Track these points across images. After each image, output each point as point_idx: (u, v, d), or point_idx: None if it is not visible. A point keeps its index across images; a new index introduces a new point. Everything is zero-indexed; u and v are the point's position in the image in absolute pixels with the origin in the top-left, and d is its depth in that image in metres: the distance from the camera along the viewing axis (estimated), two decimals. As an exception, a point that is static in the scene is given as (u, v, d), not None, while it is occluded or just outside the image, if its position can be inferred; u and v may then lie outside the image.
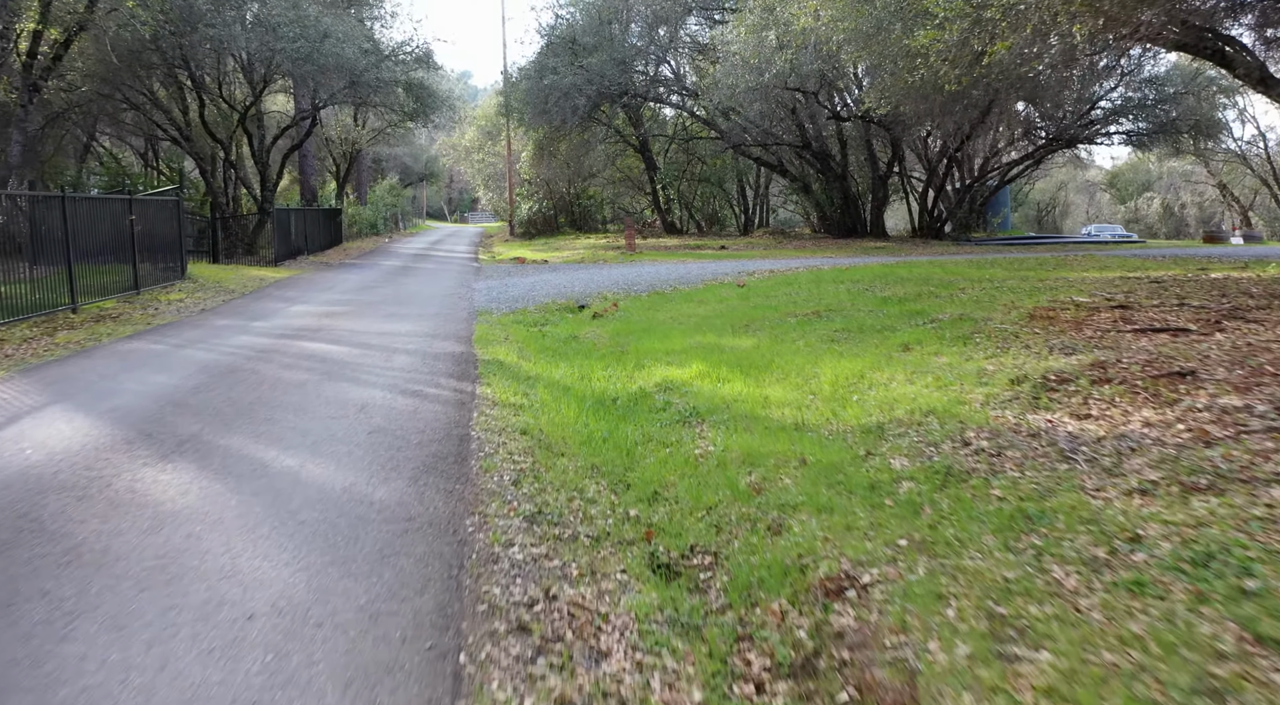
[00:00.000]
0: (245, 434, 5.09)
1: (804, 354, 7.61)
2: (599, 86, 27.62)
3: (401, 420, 5.44)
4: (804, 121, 26.64)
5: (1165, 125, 24.20)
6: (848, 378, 6.52)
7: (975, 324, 7.90)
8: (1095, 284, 11.14)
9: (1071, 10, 8.45)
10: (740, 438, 5.15)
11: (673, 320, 10.68)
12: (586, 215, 41.08)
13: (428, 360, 7.62)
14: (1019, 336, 7.26)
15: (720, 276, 15.61)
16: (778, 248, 25.98)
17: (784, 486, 4.32)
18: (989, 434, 4.74)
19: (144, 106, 23.82)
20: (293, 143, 26.27)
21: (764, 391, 6.34)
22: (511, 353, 8.24)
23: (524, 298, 13.30)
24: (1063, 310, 8.25)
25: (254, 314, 11.29)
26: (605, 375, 7.29)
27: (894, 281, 12.67)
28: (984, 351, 6.90)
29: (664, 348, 8.33)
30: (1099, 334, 6.98)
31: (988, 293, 10.61)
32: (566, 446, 5.23)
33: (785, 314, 10.09)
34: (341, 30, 20.47)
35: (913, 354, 7.10)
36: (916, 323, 8.48)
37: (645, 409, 6.13)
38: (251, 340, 8.81)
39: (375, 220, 40.35)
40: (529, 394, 6.43)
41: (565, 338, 9.68)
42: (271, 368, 7.18)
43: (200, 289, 14.36)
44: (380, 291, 14.38)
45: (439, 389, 6.45)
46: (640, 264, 20.44)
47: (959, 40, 9.50)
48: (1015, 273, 13.62)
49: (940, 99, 16.18)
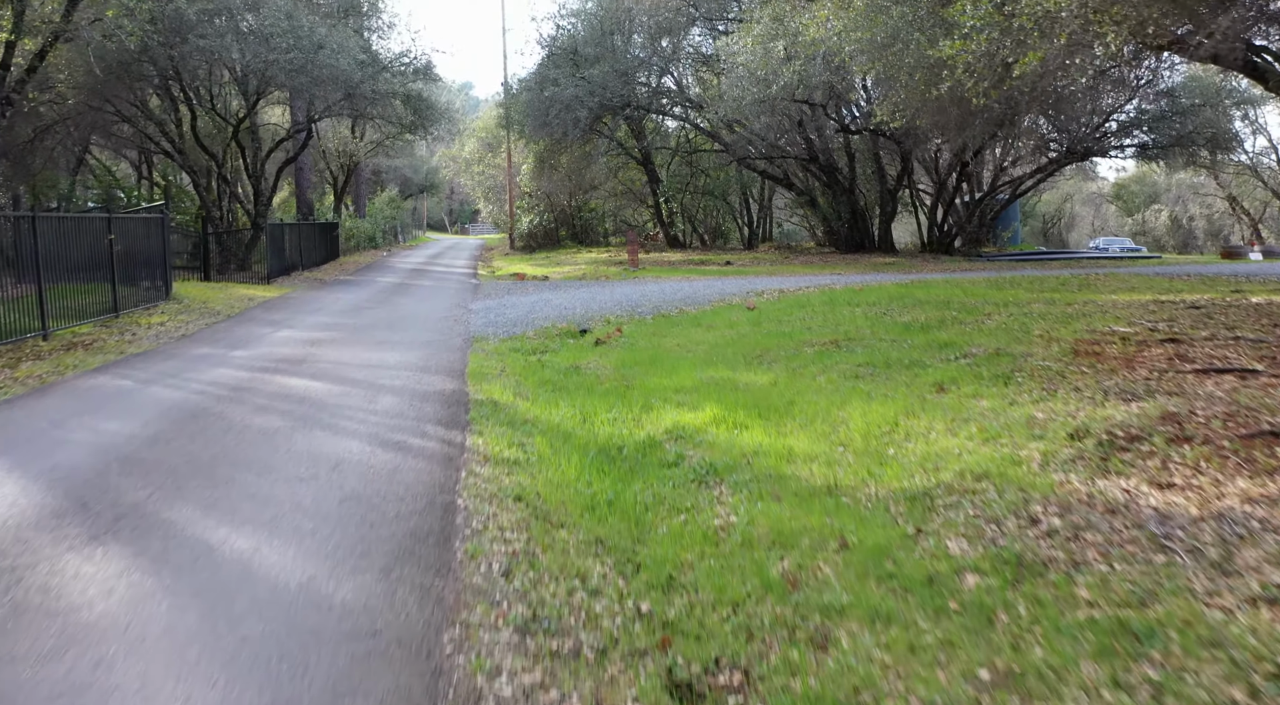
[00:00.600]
0: (197, 503, 4.43)
1: (827, 394, 6.95)
2: (601, 98, 27.04)
3: (379, 483, 4.77)
4: (811, 134, 26.05)
5: (1182, 138, 23.58)
6: (880, 425, 5.85)
7: (1014, 360, 7.23)
8: (1129, 310, 10.48)
9: (1115, 18, 7.82)
10: (766, 507, 4.48)
11: (680, 348, 10.02)
12: (588, 228, 40.48)
13: (415, 401, 6.96)
14: (1065, 376, 6.59)
15: (728, 297, 14.96)
16: (784, 263, 25.34)
17: (824, 578, 3.65)
18: (1059, 507, 4.07)
19: (135, 118, 23.25)
20: (288, 156, 25.69)
21: (787, 442, 5.67)
22: (507, 390, 7.57)
23: (523, 320, 12.65)
24: (1107, 344, 7.58)
25: (235, 341, 10.64)
26: (609, 417, 6.62)
27: (912, 304, 12.01)
28: (1029, 394, 6.23)
29: (673, 384, 7.66)
30: (1156, 374, 6.31)
31: (1017, 320, 9.95)
32: (566, 514, 4.56)
33: (801, 343, 9.43)
34: (336, 41, 19.90)
35: (949, 396, 6.43)
36: (947, 357, 7.82)
37: (655, 462, 5.47)
38: (227, 374, 8.15)
39: (373, 233, 39.77)
40: (525, 444, 5.77)
41: (566, 369, 9.01)
42: (242, 411, 6.52)
43: (184, 311, 13.72)
44: (372, 314, 13.73)
45: (425, 439, 5.78)
46: (644, 282, 19.80)
47: (986, 51, 8.86)
48: (1038, 294, 12.97)
49: (957, 112, 15.56)
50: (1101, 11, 7.83)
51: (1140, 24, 7.84)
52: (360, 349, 9.88)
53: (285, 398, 7.01)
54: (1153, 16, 7.42)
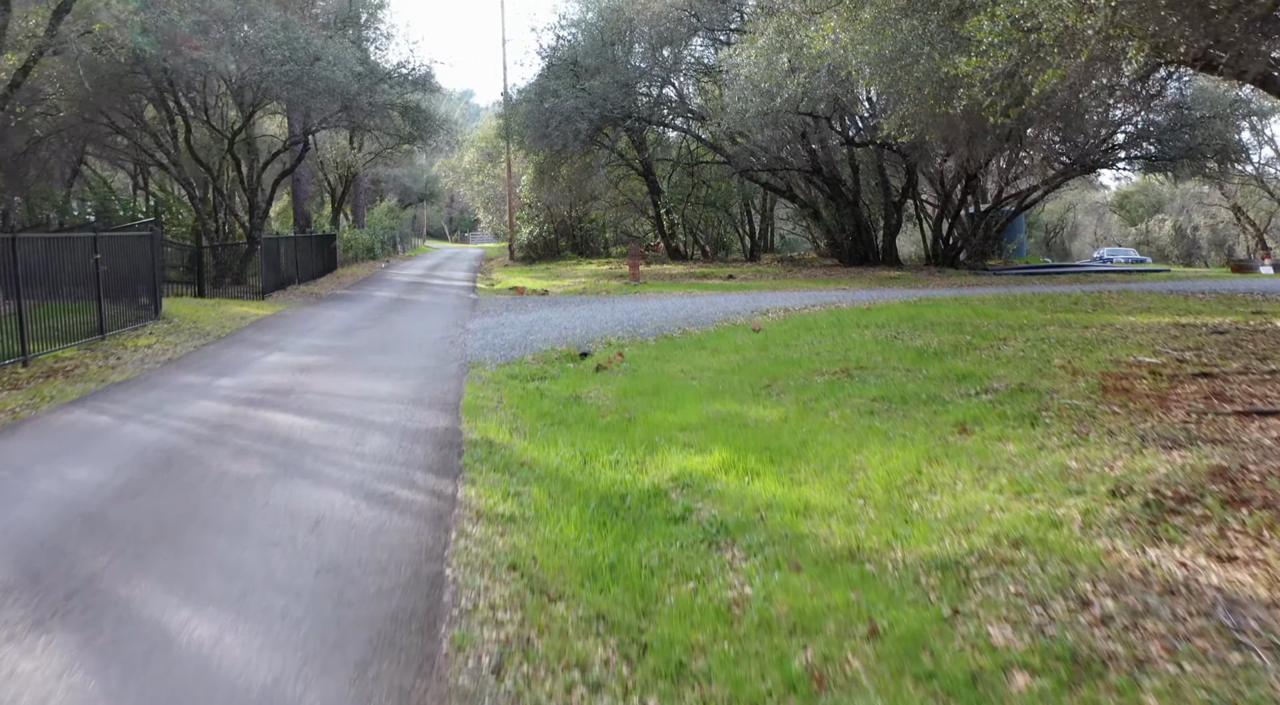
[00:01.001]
0: (158, 575, 4.03)
1: (841, 433, 6.55)
2: (601, 110, 26.71)
3: (361, 548, 4.38)
4: (814, 146, 25.71)
5: (1190, 149, 23.22)
6: (901, 474, 5.46)
7: (1039, 397, 6.84)
8: (1151, 335, 10.09)
9: (1138, 33, 7.45)
10: (785, 578, 4.08)
11: (684, 375, 9.64)
12: (588, 239, 40.15)
13: (406, 441, 6.57)
14: (1096, 417, 6.20)
15: (731, 315, 14.57)
16: (788, 277, 24.97)
17: (853, 674, 3.25)
18: (1110, 585, 3.68)
19: (130, 130, 22.93)
20: (284, 168, 25.35)
21: (802, 493, 5.28)
22: (504, 426, 7.18)
23: (521, 342, 12.27)
24: (1136, 379, 7.19)
25: (222, 367, 10.25)
26: (611, 460, 6.23)
27: (924, 327, 11.62)
28: (1059, 438, 5.84)
29: (678, 419, 7.27)
30: (1194, 417, 5.92)
31: (1034, 346, 9.56)
32: (565, 584, 4.16)
33: (811, 371, 9.04)
34: (333, 52, 19.58)
35: (973, 439, 6.04)
36: (967, 391, 7.42)
37: (660, 516, 5.07)
38: (210, 409, 7.76)
39: (372, 244, 39.45)
40: (521, 495, 5.37)
41: (565, 399, 8.62)
42: (221, 455, 6.13)
43: (173, 331, 13.34)
44: (366, 334, 13.34)
45: (414, 490, 5.39)
46: (645, 297, 19.43)
47: (1004, 69, 8.50)
48: (1052, 315, 12.58)
49: (966, 127, 15.21)
50: (1127, 29, 7.47)
51: (1170, 42, 7.47)
52: (351, 377, 9.49)
53: (268, 438, 6.61)
54: (1185, 36, 7.06)
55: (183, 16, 17.29)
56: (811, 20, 13.71)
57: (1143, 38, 7.86)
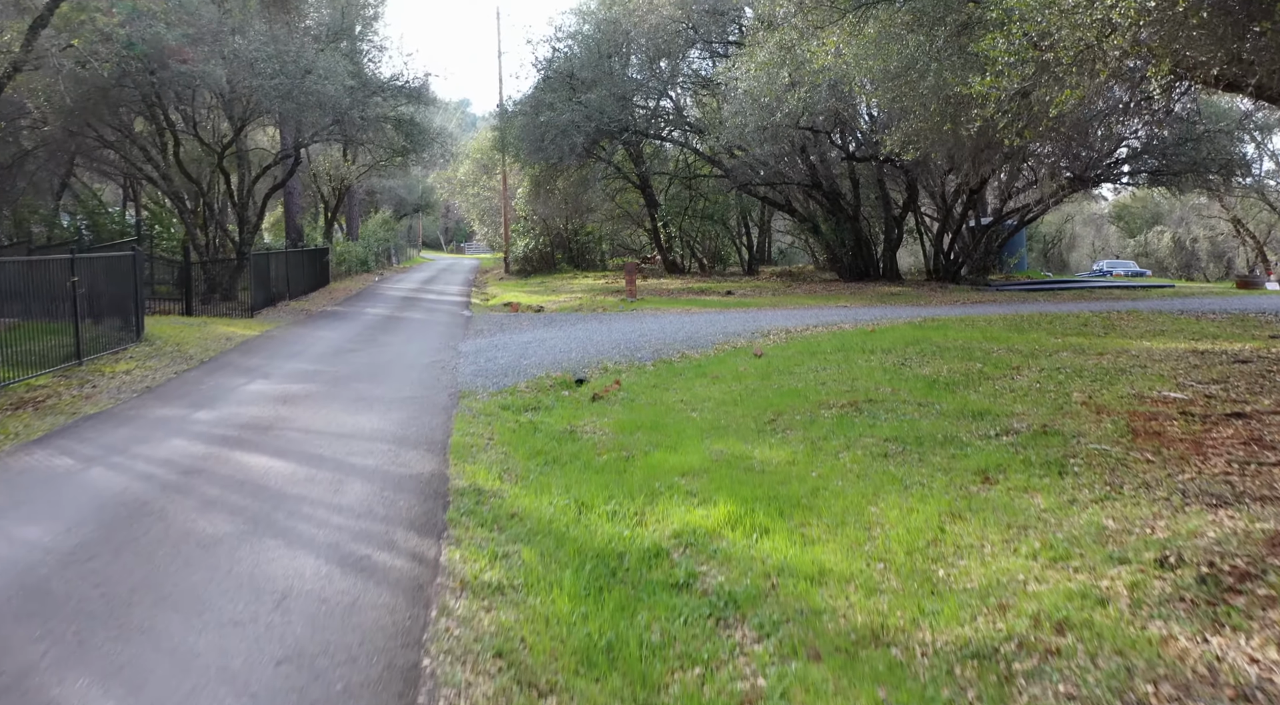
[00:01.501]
0: (99, 669, 3.59)
1: (854, 479, 6.13)
2: (598, 123, 26.35)
3: (330, 630, 3.93)
4: (814, 159, 25.36)
5: (1195, 164, 22.91)
6: (922, 532, 5.03)
7: (1065, 442, 6.42)
8: (1171, 364, 9.69)
9: (1159, 53, 7.07)
10: (803, 671, 3.64)
11: (684, 405, 9.22)
12: (584, 252, 39.76)
13: (388, 490, 6.12)
14: (1128, 465, 5.78)
15: (731, 337, 14.16)
16: (787, 293, 24.58)
17: (889, 805, 2.82)
18: (1174, 686, 3.25)
19: (118, 144, 22.53)
20: (275, 181, 24.94)
21: (816, 554, 4.86)
22: (493, 469, 6.75)
23: (514, 367, 11.84)
24: (1166, 420, 6.78)
25: (202, 397, 9.81)
26: (608, 510, 5.80)
27: (932, 353, 11.22)
28: (1090, 490, 5.42)
29: (679, 462, 6.84)
30: (1236, 467, 5.51)
31: (1050, 377, 9.16)
32: (556, 671, 3.72)
33: (817, 404, 8.61)
34: (324, 65, 19.20)
35: (997, 490, 5.62)
36: (985, 432, 7.00)
37: (661, 582, 4.64)
38: (182, 449, 7.32)
39: (365, 257, 39.02)
40: (510, 557, 4.94)
41: (560, 433, 8.20)
42: (187, 508, 5.68)
43: (155, 354, 12.89)
44: (354, 359, 12.90)
45: (393, 553, 4.95)
46: (642, 315, 19.02)
47: (1020, 89, 8.12)
48: (1063, 339, 12.19)
49: (972, 144, 14.85)
50: (1149, 48, 7.08)
51: (1195, 62, 7.10)
52: (335, 409, 9.05)
53: (240, 486, 6.17)
54: (1218, 58, 6.68)
55: (170, 29, 16.92)
56: (814, 35, 13.35)
57: (1163, 56, 7.49)
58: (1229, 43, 6.50)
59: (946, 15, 11.89)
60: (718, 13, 26.74)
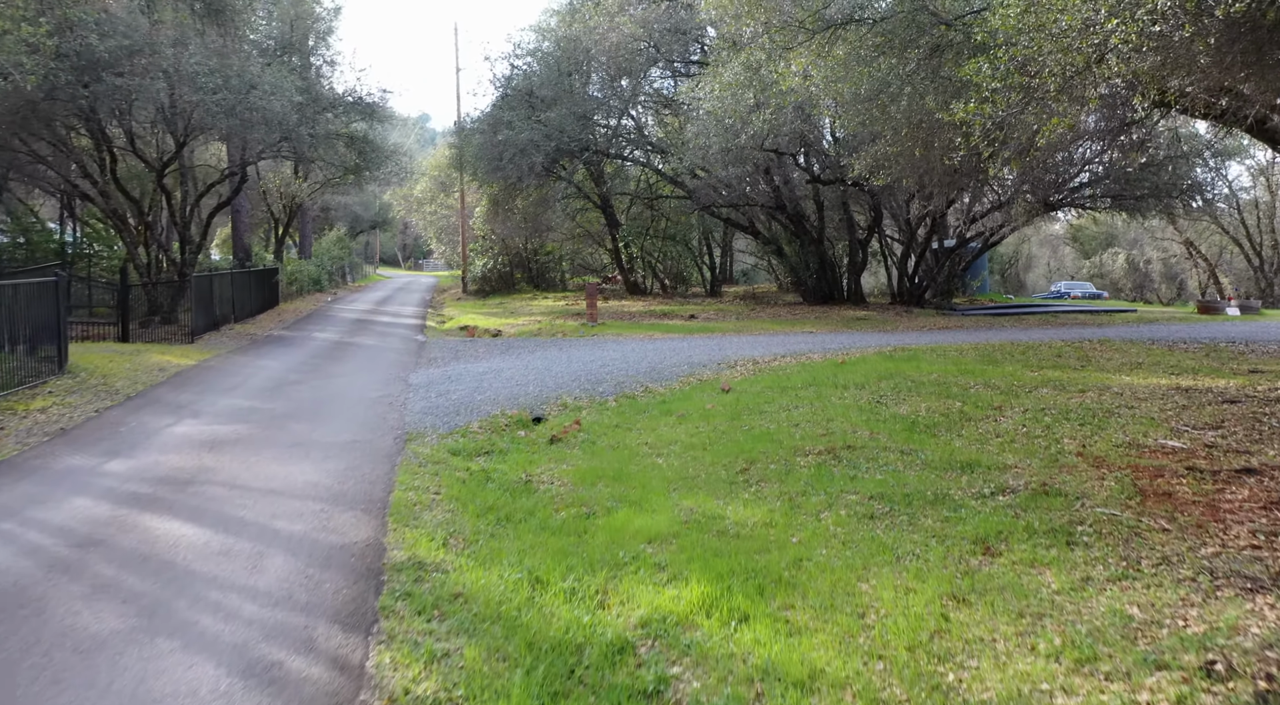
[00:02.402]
0: None
1: (839, 547, 5.52)
2: (558, 142, 25.72)
3: (220, 779, 3.20)
4: (778, 181, 24.98)
5: (1157, 188, 22.91)
6: (922, 619, 4.42)
7: (1068, 504, 5.86)
8: (1157, 403, 9.26)
9: (1155, 84, 6.62)
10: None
11: (649, 449, 8.58)
12: (544, 271, 39.07)
13: (314, 567, 5.37)
14: (1143, 535, 5.24)
15: (697, 368, 13.55)
16: (751, 317, 24.09)
17: None
18: None
19: (50, 158, 21.36)
20: (220, 201, 23.90)
21: (804, 649, 4.22)
22: (438, 534, 6.03)
23: (468, 403, 11.10)
24: (1173, 476, 6.27)
25: (120, 442, 8.93)
26: (566, 587, 5.13)
27: (906, 389, 10.71)
28: (1105, 565, 4.86)
29: (645, 524, 6.18)
30: (1263, 539, 4.98)
31: (1035, 419, 8.67)
32: (502, 829, 3.03)
33: (792, 450, 8.01)
34: (270, 81, 18.34)
35: (1001, 564, 5.04)
36: (978, 489, 6.44)
37: (626, 690, 3.96)
38: (84, 511, 6.49)
39: (319, 275, 37.87)
40: (449, 657, 4.23)
41: (514, 484, 7.51)
42: (73, 595, 4.88)
43: (78, 389, 11.93)
44: (296, 393, 12.06)
45: (311, 659, 4.20)
46: (603, 340, 18.36)
47: (1005, 118, 7.64)
48: (1040, 372, 11.77)
49: (941, 169, 14.47)
50: (1142, 78, 6.63)
51: (1185, 94, 6.66)
52: (267, 457, 8.25)
53: (142, 564, 5.37)
54: (1218, 87, 6.25)
55: (103, 40, 15.98)
56: (781, 56, 12.86)
57: (1150, 85, 7.07)
58: (1235, 71, 6.08)
59: (919, 38, 11.48)
60: (680, 31, 26.33)
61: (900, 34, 11.75)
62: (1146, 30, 5.62)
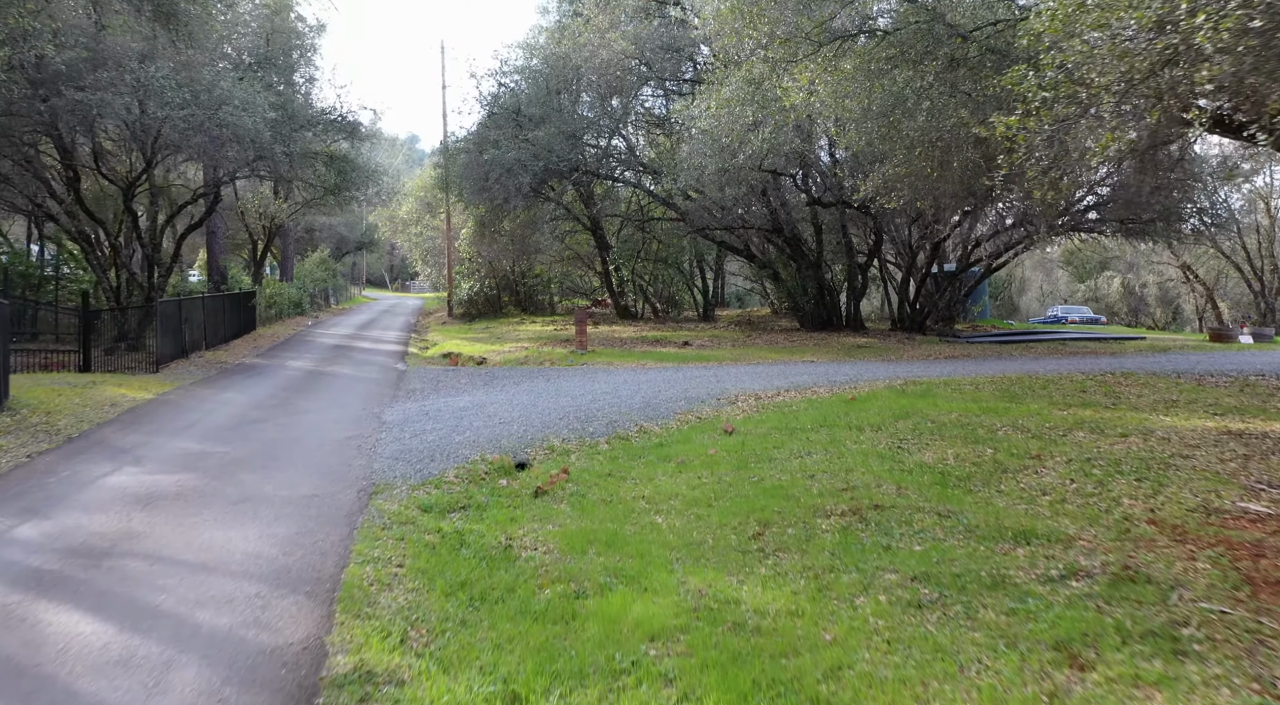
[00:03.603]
0: None
1: (883, 649, 4.49)
2: (546, 162, 24.80)
3: None
4: (775, 204, 24.11)
5: (1167, 211, 22.13)
6: (1013, 772, 3.39)
7: (1161, 595, 4.85)
8: (1213, 451, 8.29)
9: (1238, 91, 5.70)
10: None
11: (648, 506, 7.56)
12: (532, 295, 38.07)
13: (231, 685, 4.29)
14: (1266, 641, 4.23)
15: (695, 404, 12.54)
16: (748, 343, 23.11)
17: None
18: None
19: (12, 178, 20.27)
20: (191, 222, 22.83)
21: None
22: (395, 628, 4.97)
23: (444, 446, 10.05)
24: (1277, 554, 5.28)
25: (43, 497, 7.84)
26: (550, 709, 4.07)
27: (928, 431, 9.72)
28: (1232, 690, 3.84)
29: (645, 613, 5.14)
30: None
31: (1083, 471, 7.67)
32: None
33: (810, 509, 6.99)
34: (241, 97, 17.36)
35: (1095, 682, 4.01)
36: (1040, 565, 5.41)
37: None
38: (-29, 593, 5.40)
39: (300, 298, 36.78)
40: None
41: (492, 551, 6.48)
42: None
43: (14, 429, 10.81)
44: (256, 433, 10.98)
45: None
46: (594, 371, 17.34)
47: (1050, 134, 6.70)
48: (1069, 411, 10.80)
49: (952, 190, 13.57)
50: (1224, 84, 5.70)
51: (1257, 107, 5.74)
52: (207, 518, 7.17)
53: (16, 679, 4.29)
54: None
55: (61, 51, 14.98)
56: (785, 70, 11.96)
57: (1240, 96, 6.16)
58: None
59: (936, 49, 10.60)
60: (672, 49, 25.54)
61: (915, 46, 10.88)
62: (1244, 27, 4.72)
